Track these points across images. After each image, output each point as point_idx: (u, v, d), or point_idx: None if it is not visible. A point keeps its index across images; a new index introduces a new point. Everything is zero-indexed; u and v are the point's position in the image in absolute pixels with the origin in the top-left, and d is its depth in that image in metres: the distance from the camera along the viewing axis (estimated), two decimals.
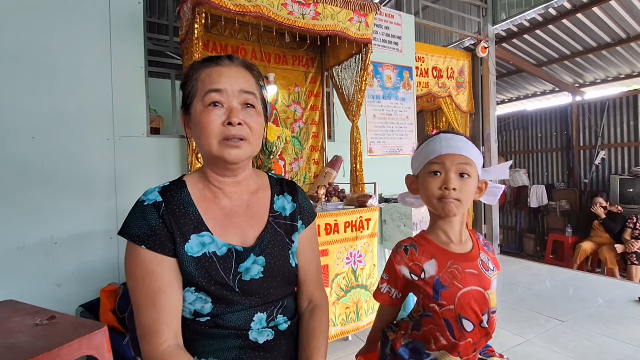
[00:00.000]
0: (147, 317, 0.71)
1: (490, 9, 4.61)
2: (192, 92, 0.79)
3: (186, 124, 0.83)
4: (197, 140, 0.79)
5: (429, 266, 0.87)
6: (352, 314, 2.22)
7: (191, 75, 0.80)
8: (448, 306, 0.84)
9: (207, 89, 0.75)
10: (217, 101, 0.75)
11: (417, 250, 0.89)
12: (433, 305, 0.85)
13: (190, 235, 0.76)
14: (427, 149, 0.90)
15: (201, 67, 0.80)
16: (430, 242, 0.91)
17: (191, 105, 0.79)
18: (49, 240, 2.03)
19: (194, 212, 0.78)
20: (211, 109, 0.75)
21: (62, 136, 2.09)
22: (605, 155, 5.44)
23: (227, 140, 0.75)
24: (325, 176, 2.88)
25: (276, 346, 0.80)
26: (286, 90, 2.99)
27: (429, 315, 0.86)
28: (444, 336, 0.84)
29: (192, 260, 0.74)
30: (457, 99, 4.65)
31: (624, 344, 2.22)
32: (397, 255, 0.91)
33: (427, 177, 0.88)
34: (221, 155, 0.75)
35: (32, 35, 2.03)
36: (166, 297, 0.72)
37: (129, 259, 0.74)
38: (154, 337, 0.71)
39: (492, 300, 0.88)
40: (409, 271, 0.88)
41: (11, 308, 1.46)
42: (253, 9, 1.89)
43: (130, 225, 0.74)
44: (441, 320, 0.84)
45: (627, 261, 4.18)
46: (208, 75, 0.77)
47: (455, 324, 0.84)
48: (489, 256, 0.93)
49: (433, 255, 0.88)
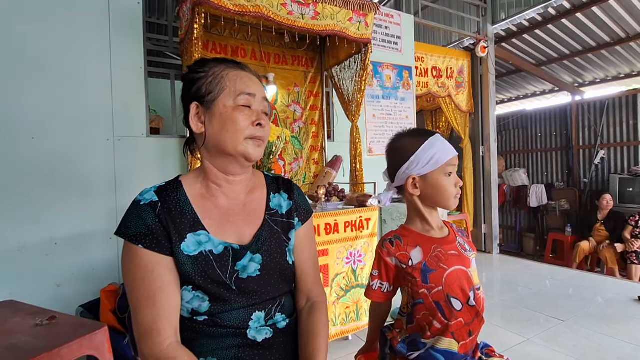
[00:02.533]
0: (147, 316, 0.71)
1: (489, 9, 4.61)
2: (217, 88, 0.79)
3: (197, 117, 0.81)
4: (219, 135, 0.79)
5: (415, 253, 0.93)
6: (352, 314, 2.22)
7: (213, 72, 0.80)
8: (437, 288, 0.89)
9: (242, 90, 0.80)
10: (249, 104, 0.80)
11: (401, 241, 0.95)
12: (423, 290, 0.90)
13: (187, 234, 0.76)
14: (439, 150, 0.92)
15: (224, 66, 0.81)
16: (412, 232, 0.98)
17: (216, 101, 0.79)
18: (49, 240, 2.03)
19: (190, 211, 0.78)
20: (243, 109, 0.79)
21: (61, 136, 2.09)
22: (604, 154, 5.44)
23: (252, 139, 0.80)
24: (325, 176, 2.89)
25: (275, 344, 0.80)
26: (285, 90, 2.99)
27: (419, 302, 0.91)
28: (435, 318, 0.89)
29: (188, 259, 0.74)
30: (456, 98, 4.65)
31: (624, 343, 2.22)
32: (384, 248, 0.96)
33: (442, 178, 0.93)
34: (245, 152, 0.79)
35: (31, 35, 2.03)
36: (165, 296, 0.72)
37: (127, 258, 0.74)
38: (154, 335, 0.71)
39: (475, 277, 0.95)
40: (397, 261, 0.93)
41: (11, 308, 1.46)
42: (252, 9, 1.89)
43: (127, 225, 0.74)
44: (432, 304, 0.89)
45: (627, 260, 4.18)
46: (238, 77, 0.81)
47: (444, 304, 0.89)
48: (464, 239, 1.01)
49: (417, 243, 0.94)
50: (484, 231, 4.87)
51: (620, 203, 4.90)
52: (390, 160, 1.01)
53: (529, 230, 6.41)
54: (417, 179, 0.94)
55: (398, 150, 0.97)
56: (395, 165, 0.97)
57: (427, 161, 0.92)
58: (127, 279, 0.74)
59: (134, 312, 0.73)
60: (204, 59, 0.84)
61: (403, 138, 0.99)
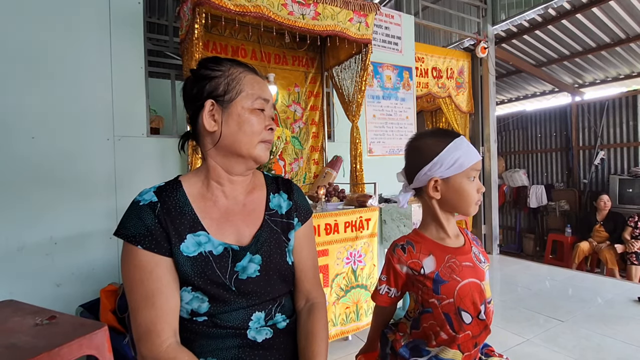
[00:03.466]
0: (146, 317, 0.71)
1: (489, 9, 4.61)
2: (236, 89, 0.79)
3: (211, 115, 0.79)
4: (234, 134, 0.79)
5: (428, 262, 0.88)
6: (352, 314, 2.22)
7: (230, 72, 0.80)
8: (447, 299, 0.86)
9: (259, 95, 0.81)
10: (264, 108, 0.82)
11: (414, 247, 0.91)
12: (433, 300, 0.86)
13: (186, 234, 0.76)
14: (464, 153, 0.87)
15: (242, 69, 0.82)
16: (426, 238, 0.93)
17: (234, 101, 0.79)
18: (49, 240, 2.03)
19: (189, 212, 0.78)
20: (259, 112, 0.81)
21: (61, 136, 2.09)
22: (604, 155, 5.44)
23: (264, 143, 0.82)
24: (325, 176, 2.89)
25: (275, 344, 0.80)
26: (286, 90, 2.99)
27: (427, 311, 0.88)
28: (443, 330, 0.86)
29: (187, 260, 0.74)
30: (456, 99, 4.65)
31: (623, 344, 2.22)
32: (395, 254, 0.92)
33: (465, 182, 0.88)
34: (258, 154, 0.82)
35: (31, 34, 2.03)
36: (165, 297, 0.72)
37: (126, 259, 0.74)
38: (153, 336, 0.70)
39: (487, 290, 0.91)
40: (408, 268, 0.90)
41: (11, 308, 1.46)
42: (253, 9, 1.89)
43: (126, 225, 0.74)
44: (441, 315, 0.86)
45: (627, 261, 4.18)
46: (255, 81, 0.83)
47: (454, 317, 0.85)
48: (478, 249, 0.96)
49: (430, 251, 0.90)
50: (483, 232, 4.87)
51: (620, 204, 4.90)
52: (410, 159, 0.95)
53: (528, 231, 6.41)
54: (439, 182, 0.89)
55: (420, 150, 0.91)
56: (416, 165, 0.91)
57: (452, 164, 0.87)
58: (126, 280, 0.74)
59: (133, 314, 0.73)
60: (217, 57, 0.84)
61: (426, 137, 0.93)
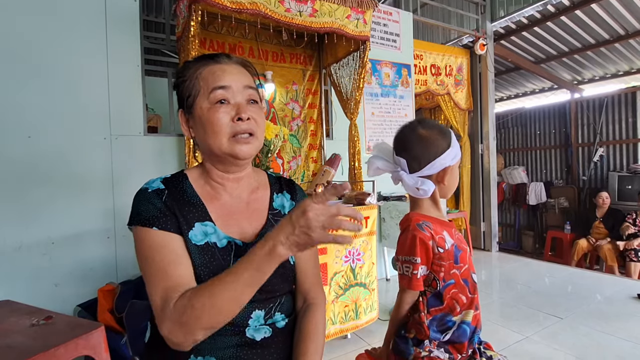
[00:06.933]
0: (162, 289, 0.67)
1: (488, 6, 4.60)
2: (193, 91, 0.77)
3: (186, 123, 0.81)
4: (203, 138, 0.77)
5: (446, 236, 0.96)
6: (351, 312, 2.22)
7: (188, 74, 0.79)
8: (465, 266, 0.96)
9: (212, 86, 0.75)
10: (224, 98, 0.75)
11: (430, 226, 0.96)
12: (454, 271, 0.95)
13: (194, 222, 0.75)
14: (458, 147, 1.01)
15: (199, 65, 0.79)
16: (433, 218, 1.00)
17: (194, 104, 0.77)
18: (46, 239, 2.02)
19: (197, 202, 0.78)
20: (218, 106, 0.74)
21: (58, 135, 2.07)
22: (603, 152, 5.45)
23: (236, 137, 0.75)
24: (324, 174, 2.88)
25: (273, 343, 0.79)
26: (284, 88, 2.98)
27: (450, 283, 0.95)
28: (464, 294, 0.95)
29: (195, 248, 0.73)
30: (455, 96, 4.65)
31: (623, 341, 2.22)
32: (423, 230, 0.94)
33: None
34: (232, 152, 0.75)
35: (27, 33, 2.01)
36: (181, 267, 0.70)
37: (141, 242, 0.71)
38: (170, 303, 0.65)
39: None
40: (434, 244, 0.94)
41: (7, 308, 1.45)
42: (250, 6, 1.88)
43: (138, 211, 0.73)
44: (460, 282, 0.95)
45: (626, 258, 4.18)
46: (210, 72, 0.77)
47: (470, 280, 0.96)
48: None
49: (443, 228, 0.98)
50: (483, 229, 4.87)
51: (619, 200, 4.91)
52: (422, 147, 0.96)
53: (528, 228, 6.42)
54: (448, 169, 0.98)
55: (432, 140, 0.96)
56: (430, 153, 0.95)
57: (456, 153, 0.98)
58: (141, 261, 0.71)
59: (149, 290, 0.69)
60: (186, 62, 0.82)
61: (429, 129, 0.97)
